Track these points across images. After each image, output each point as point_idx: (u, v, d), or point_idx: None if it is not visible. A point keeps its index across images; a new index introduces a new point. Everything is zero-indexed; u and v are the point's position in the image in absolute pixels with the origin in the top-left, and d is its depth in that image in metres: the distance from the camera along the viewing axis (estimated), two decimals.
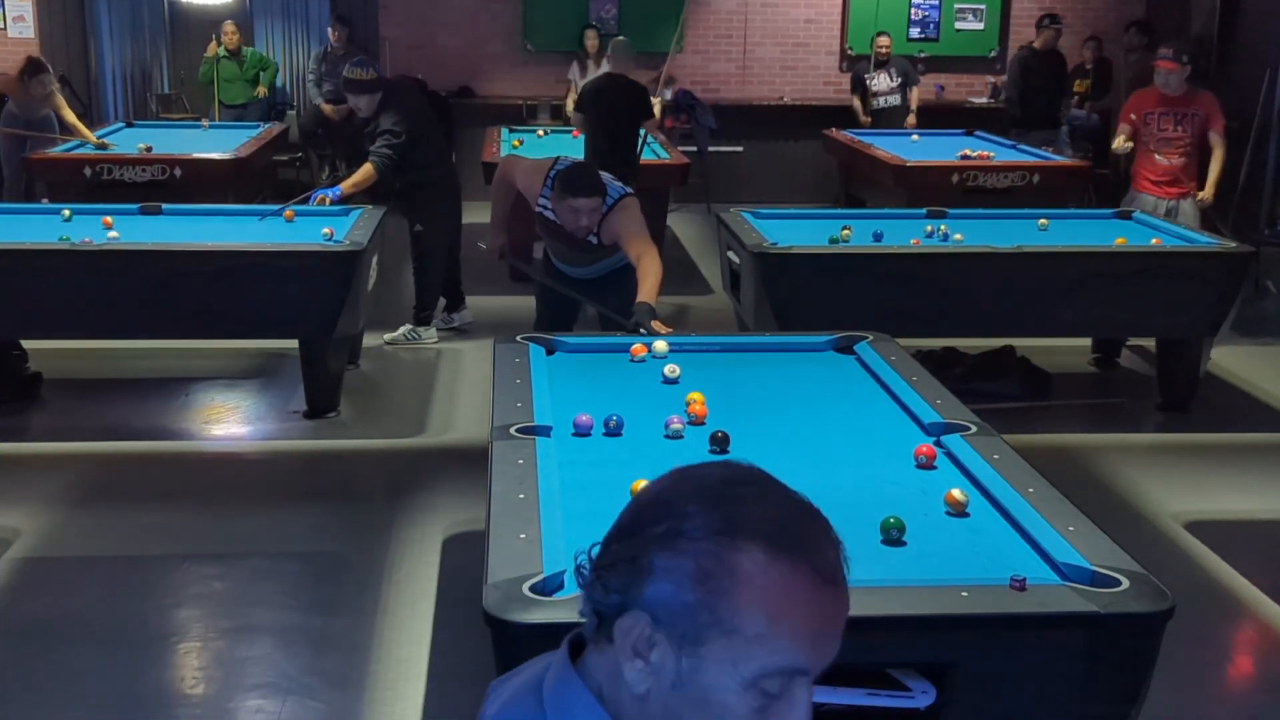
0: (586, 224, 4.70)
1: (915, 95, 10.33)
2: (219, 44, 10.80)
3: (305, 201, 6.63)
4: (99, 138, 8.65)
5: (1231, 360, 6.82)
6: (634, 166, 7.92)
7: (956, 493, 2.96)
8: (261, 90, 10.95)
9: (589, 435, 3.42)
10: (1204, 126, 6.85)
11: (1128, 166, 7.32)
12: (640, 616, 1.13)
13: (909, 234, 6.24)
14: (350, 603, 4.20)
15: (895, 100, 10.49)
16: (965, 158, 8.73)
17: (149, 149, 8.28)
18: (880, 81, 10.52)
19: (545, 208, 4.84)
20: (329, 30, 11.05)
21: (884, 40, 10.46)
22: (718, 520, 1.14)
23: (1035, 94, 10.04)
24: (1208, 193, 6.91)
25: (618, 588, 1.15)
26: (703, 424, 3.50)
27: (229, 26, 10.76)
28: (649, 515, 1.17)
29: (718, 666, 1.12)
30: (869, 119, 10.51)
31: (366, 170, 6.74)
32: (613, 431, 3.43)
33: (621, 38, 8.46)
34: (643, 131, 7.90)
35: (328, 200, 6.56)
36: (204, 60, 10.81)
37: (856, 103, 10.66)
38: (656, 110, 8.05)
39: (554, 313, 5.18)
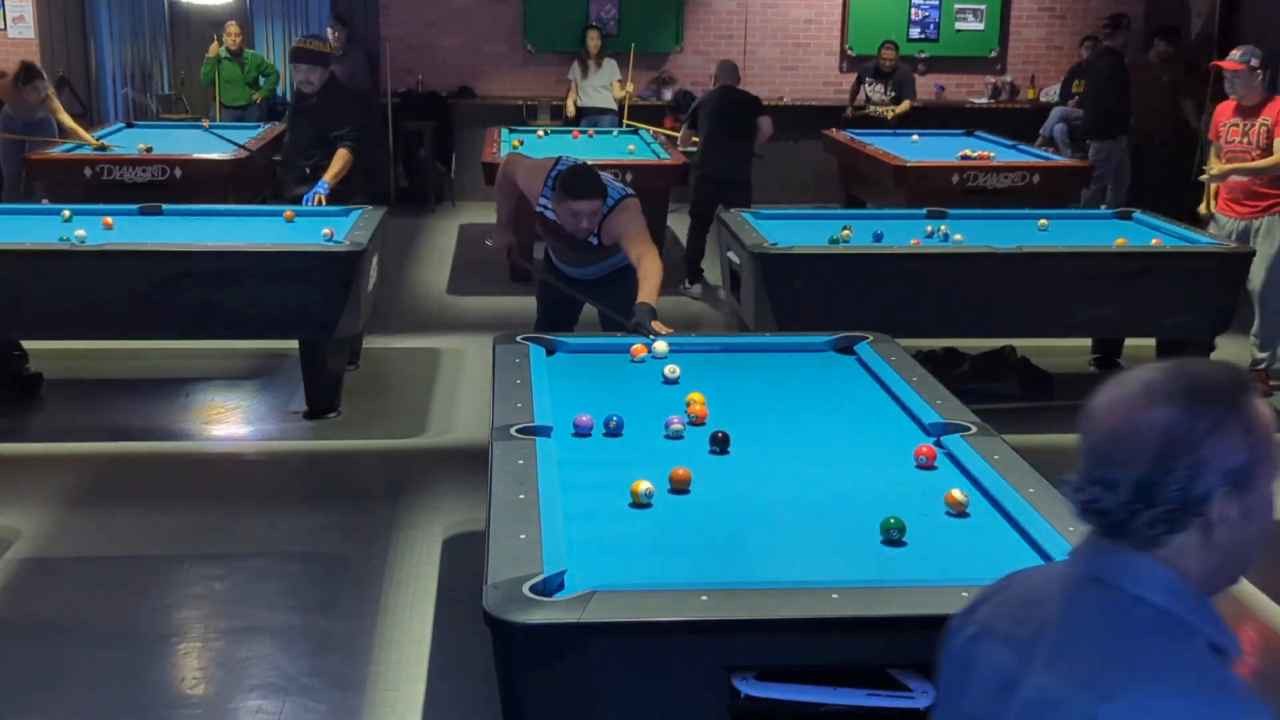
0: (587, 226, 4.69)
1: (905, 106, 10.26)
2: (221, 44, 10.80)
3: (160, 207, 6.48)
4: (98, 139, 8.66)
5: (1231, 359, 6.81)
6: (748, 172, 8.24)
7: (957, 493, 2.96)
8: (257, 96, 10.94)
9: (589, 435, 3.42)
10: (1271, 136, 6.26)
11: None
12: (1217, 494, 1.46)
13: (909, 234, 6.24)
14: (350, 603, 4.20)
15: (888, 112, 10.51)
16: (965, 158, 8.74)
17: (149, 149, 8.29)
18: (876, 91, 10.53)
19: (546, 208, 4.84)
20: (329, 31, 11.05)
21: (888, 53, 10.42)
22: (1215, 396, 1.48)
23: (1121, 99, 9.55)
24: (1212, 171, 6.41)
25: (1195, 491, 1.46)
26: (703, 424, 3.50)
27: (232, 27, 10.75)
28: (1173, 443, 1.46)
29: (1265, 480, 1.49)
30: (851, 112, 10.54)
31: (344, 157, 6.63)
32: (613, 432, 3.43)
33: (728, 59, 8.85)
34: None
35: (323, 198, 6.53)
36: (205, 60, 10.80)
37: (850, 99, 10.68)
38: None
39: (555, 313, 5.17)
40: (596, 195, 4.65)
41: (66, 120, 8.75)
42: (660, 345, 4.10)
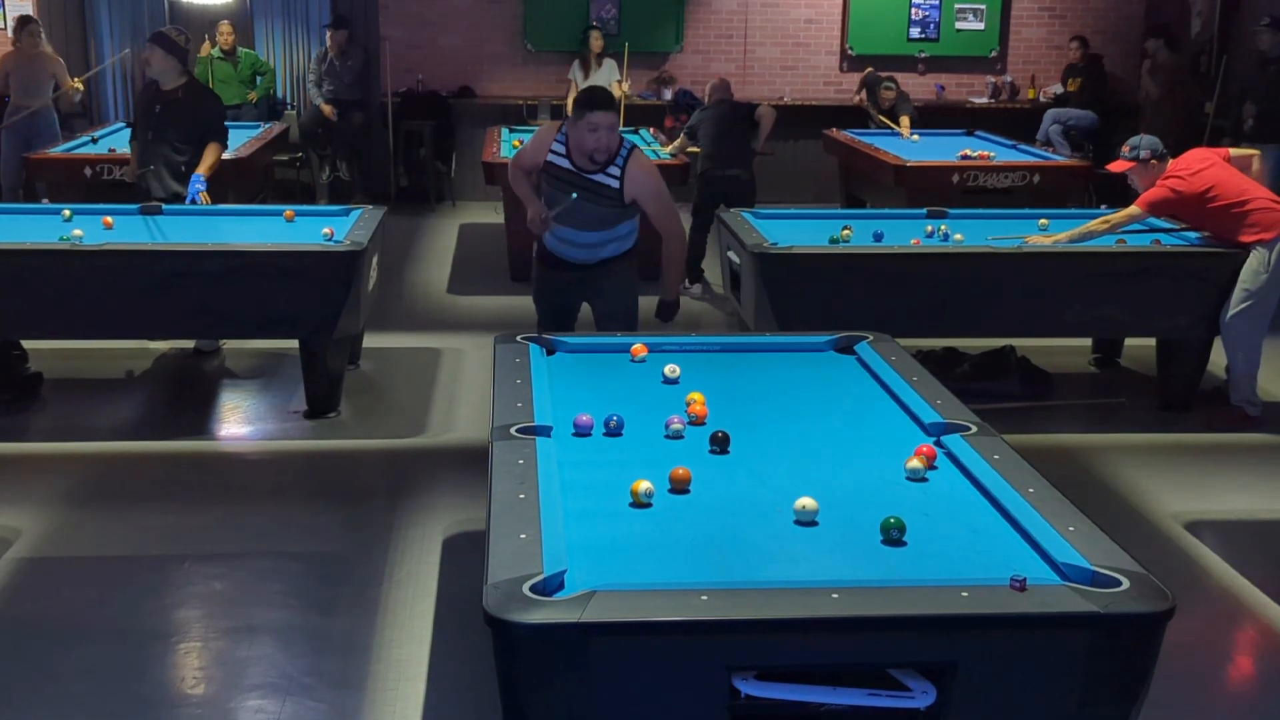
0: (605, 143, 4.78)
1: (905, 122, 10.26)
2: (213, 44, 10.80)
3: (160, 208, 6.41)
4: (96, 137, 8.72)
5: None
6: (749, 171, 8.26)
7: (916, 461, 3.15)
8: (253, 96, 10.93)
9: (589, 435, 3.42)
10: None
11: None
12: None
13: (909, 234, 6.25)
14: (350, 603, 4.20)
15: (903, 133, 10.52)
16: (965, 158, 8.74)
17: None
18: (875, 120, 10.57)
19: (559, 155, 4.89)
20: (327, 33, 11.05)
21: (888, 95, 10.41)
22: None
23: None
24: (1059, 237, 6.03)
25: None
26: (703, 424, 3.50)
27: (224, 27, 10.75)
28: None
29: None
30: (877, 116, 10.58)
31: (218, 150, 6.64)
32: (613, 431, 3.43)
33: (721, 79, 8.85)
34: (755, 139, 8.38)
35: (206, 196, 6.45)
36: (198, 60, 10.78)
37: (870, 108, 10.67)
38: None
39: (553, 317, 5.16)
40: (613, 108, 4.81)
41: (60, 71, 9.51)
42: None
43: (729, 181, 8.09)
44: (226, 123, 6.80)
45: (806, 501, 2.87)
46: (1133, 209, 5.99)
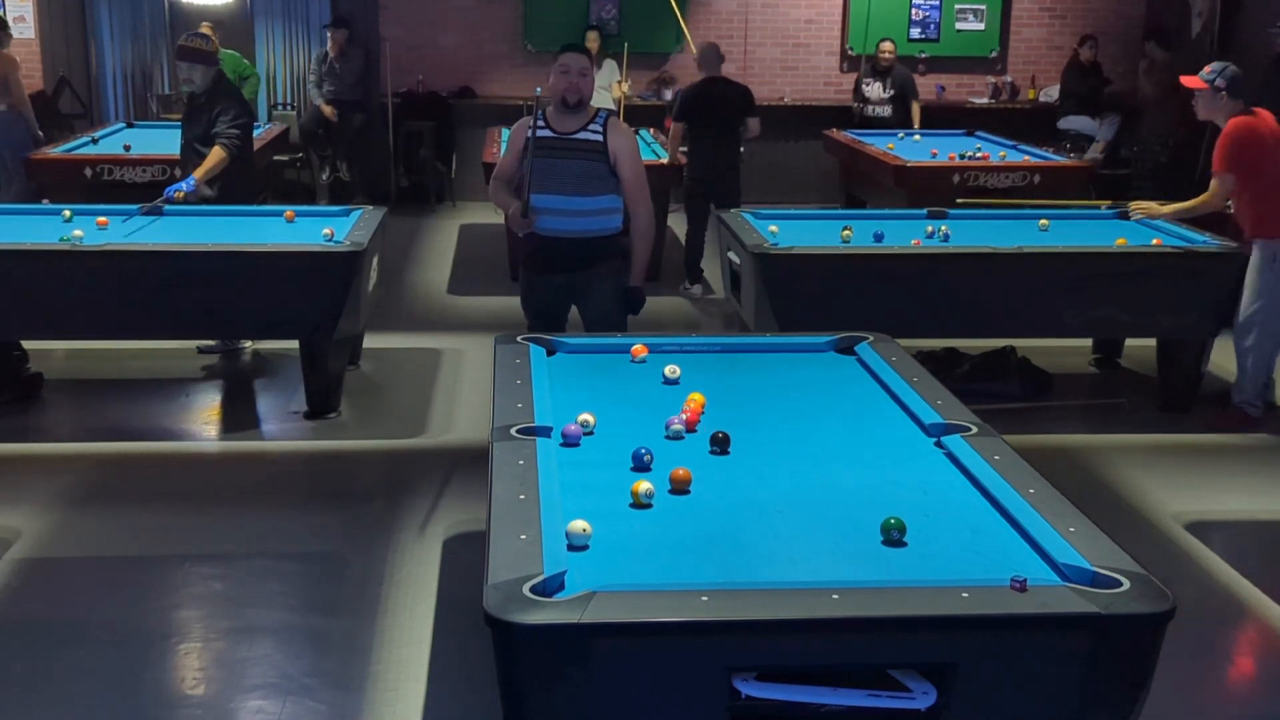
0: (576, 85, 4.92)
1: (917, 110, 10.24)
2: None
3: (162, 209, 6.35)
4: (98, 137, 8.73)
5: (1230, 359, 6.81)
6: (736, 170, 8.23)
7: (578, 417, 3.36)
8: None
9: (578, 445, 3.34)
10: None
11: None
12: None
13: (909, 234, 6.24)
14: (350, 603, 4.20)
15: (885, 112, 10.29)
16: (965, 157, 8.73)
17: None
18: (874, 90, 10.42)
19: (541, 127, 4.96)
20: (328, 34, 11.04)
21: (887, 46, 10.36)
22: None
23: None
24: (1145, 206, 6.14)
25: None
26: (694, 430, 3.48)
27: (204, 28, 10.69)
28: None
29: None
30: (857, 111, 10.50)
31: (217, 154, 6.48)
32: (643, 467, 3.17)
33: (711, 43, 8.64)
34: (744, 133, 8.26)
35: (181, 195, 6.36)
36: None
37: (854, 98, 10.66)
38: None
39: (541, 322, 5.14)
40: (584, 54, 5.03)
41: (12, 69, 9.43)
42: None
43: (712, 184, 8.13)
44: (242, 128, 6.61)
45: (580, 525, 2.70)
46: (1213, 182, 5.90)
